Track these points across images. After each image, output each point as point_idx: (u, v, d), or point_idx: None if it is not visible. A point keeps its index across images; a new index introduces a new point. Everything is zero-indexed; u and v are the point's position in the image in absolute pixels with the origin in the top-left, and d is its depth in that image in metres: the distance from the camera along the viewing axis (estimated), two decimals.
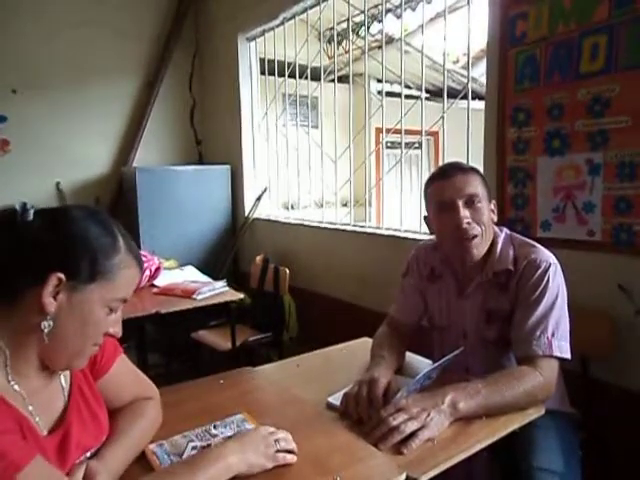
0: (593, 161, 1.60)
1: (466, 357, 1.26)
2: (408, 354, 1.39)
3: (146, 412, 0.96)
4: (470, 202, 1.21)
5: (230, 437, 0.91)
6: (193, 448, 0.92)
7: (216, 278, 3.41)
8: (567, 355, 1.13)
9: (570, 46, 1.63)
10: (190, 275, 2.68)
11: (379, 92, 4.40)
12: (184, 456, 0.90)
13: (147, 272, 2.45)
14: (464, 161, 1.59)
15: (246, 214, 3.65)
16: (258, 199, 3.62)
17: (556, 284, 1.18)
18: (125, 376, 0.97)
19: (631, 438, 1.57)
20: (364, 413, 1.02)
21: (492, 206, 1.28)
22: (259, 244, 3.51)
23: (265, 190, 3.63)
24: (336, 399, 1.11)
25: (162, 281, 2.50)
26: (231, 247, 3.68)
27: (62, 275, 0.71)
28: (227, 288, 2.42)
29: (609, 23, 1.53)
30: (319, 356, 1.47)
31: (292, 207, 3.48)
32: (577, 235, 1.67)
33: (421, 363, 1.38)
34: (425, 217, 1.35)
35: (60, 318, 0.73)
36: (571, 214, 1.68)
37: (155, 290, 2.40)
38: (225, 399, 1.14)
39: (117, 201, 3.70)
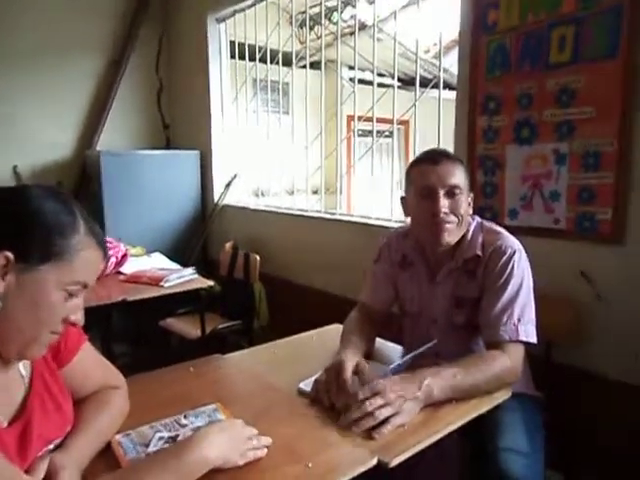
0: (559, 151, 1.64)
1: (436, 342, 1.28)
2: (379, 340, 1.40)
3: (112, 401, 0.93)
4: (451, 193, 1.21)
5: (203, 427, 0.88)
6: (160, 439, 0.90)
7: (185, 265, 3.35)
8: (533, 339, 1.16)
9: (539, 36, 1.65)
10: (158, 262, 2.62)
11: (351, 79, 4.38)
12: (150, 447, 0.88)
13: (113, 259, 2.39)
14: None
15: (215, 200, 3.59)
16: (228, 185, 3.56)
17: (521, 270, 1.20)
18: (90, 364, 0.93)
19: (591, 418, 1.64)
20: (335, 399, 1.02)
21: (469, 198, 1.29)
22: (229, 231, 3.47)
23: (235, 176, 3.57)
24: (307, 385, 1.11)
25: (129, 268, 2.44)
26: (200, 234, 3.61)
27: (10, 254, 0.67)
28: (196, 275, 2.38)
29: (576, 15, 1.56)
30: (290, 343, 1.46)
31: (262, 194, 3.44)
32: (543, 223, 1.71)
33: (391, 350, 1.39)
34: (402, 198, 1.35)
35: (9, 299, 0.69)
36: (538, 202, 1.72)
37: (122, 277, 2.33)
38: (195, 387, 1.12)
39: (81, 186, 3.57)
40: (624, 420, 1.57)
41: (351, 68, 4.55)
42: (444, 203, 1.20)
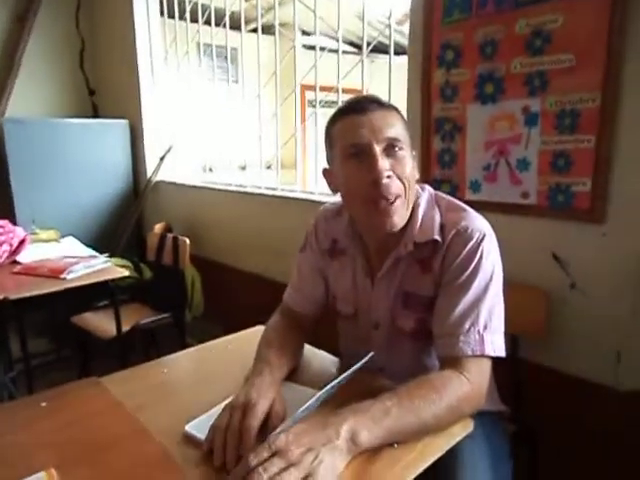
0: (530, 109, 1.35)
1: (379, 354, 0.99)
2: (309, 349, 1.10)
3: None
4: (391, 148, 0.88)
5: None
6: None
7: (114, 250, 2.96)
8: (501, 353, 0.88)
9: None
10: (67, 249, 2.22)
11: (303, 46, 3.99)
12: None
13: (6, 247, 1.98)
14: None
15: (148, 176, 3.18)
16: (162, 159, 3.15)
17: (491, 261, 0.91)
18: None
19: (562, 423, 1.41)
20: (231, 454, 0.72)
21: (415, 160, 0.98)
22: (164, 210, 3.09)
23: (170, 149, 3.16)
24: (196, 427, 0.79)
25: (28, 257, 2.04)
26: (132, 214, 3.21)
27: None
28: (109, 264, 2.01)
29: None
30: (196, 355, 1.14)
31: (210, 170, 3.08)
32: (510, 197, 1.43)
33: (324, 359, 1.09)
34: (325, 170, 1.01)
35: None
36: (504, 172, 1.44)
37: (16, 269, 1.94)
38: (34, 437, 0.78)
39: None
40: (598, 426, 1.34)
41: (304, 33, 4.18)
42: (384, 165, 0.87)
